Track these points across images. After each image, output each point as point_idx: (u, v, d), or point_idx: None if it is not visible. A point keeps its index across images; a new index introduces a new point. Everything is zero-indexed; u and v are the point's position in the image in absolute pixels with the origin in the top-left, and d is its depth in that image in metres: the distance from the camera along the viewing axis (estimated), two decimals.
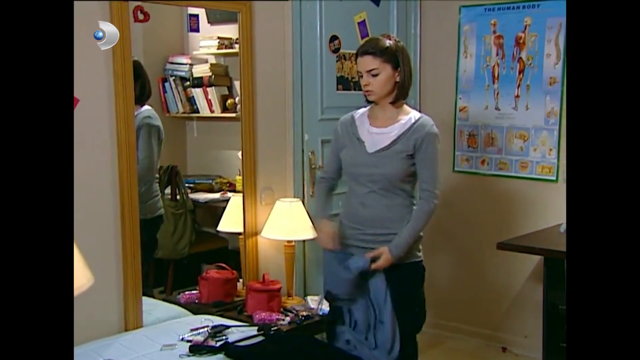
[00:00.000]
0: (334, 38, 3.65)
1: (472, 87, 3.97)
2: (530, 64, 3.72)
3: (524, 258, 3.58)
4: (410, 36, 4.11)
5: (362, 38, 3.81)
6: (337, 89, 3.71)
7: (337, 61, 3.69)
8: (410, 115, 2.57)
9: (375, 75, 2.47)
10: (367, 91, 2.52)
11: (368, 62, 2.48)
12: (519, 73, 3.74)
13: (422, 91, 4.18)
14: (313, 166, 3.58)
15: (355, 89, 3.81)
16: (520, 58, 3.73)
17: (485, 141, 3.95)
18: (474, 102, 3.97)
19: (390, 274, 2.48)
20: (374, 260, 2.46)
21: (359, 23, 3.79)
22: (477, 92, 3.95)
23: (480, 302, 4.03)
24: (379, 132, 2.55)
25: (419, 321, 2.63)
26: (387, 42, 2.50)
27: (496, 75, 3.85)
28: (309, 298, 3.31)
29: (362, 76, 2.51)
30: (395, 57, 2.49)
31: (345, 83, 3.76)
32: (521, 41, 3.74)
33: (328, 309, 2.75)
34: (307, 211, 3.36)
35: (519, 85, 3.76)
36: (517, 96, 3.77)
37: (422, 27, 4.13)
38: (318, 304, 3.22)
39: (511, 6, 3.75)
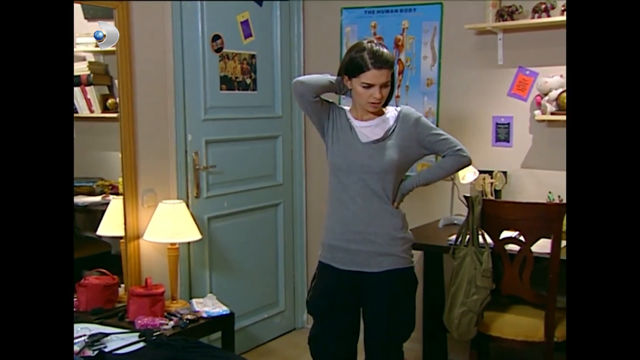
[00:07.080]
0: (216, 37, 3.62)
1: None
2: (409, 65, 3.85)
3: None
4: (294, 36, 4.14)
5: (246, 38, 3.81)
6: (221, 89, 3.68)
7: (220, 61, 3.66)
8: (391, 108, 2.54)
9: (385, 87, 2.43)
10: (375, 103, 2.43)
11: (386, 75, 2.40)
12: (399, 74, 3.87)
13: None
14: (197, 167, 3.54)
15: (239, 89, 3.80)
16: (400, 59, 3.86)
17: None
18: None
19: (381, 280, 2.45)
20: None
21: (241, 22, 3.78)
22: None
23: None
24: (365, 126, 2.49)
25: (407, 331, 2.54)
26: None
27: None
28: (194, 301, 3.27)
29: (367, 87, 2.40)
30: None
31: (229, 83, 3.73)
32: (400, 43, 3.87)
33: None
34: (190, 213, 3.32)
35: (399, 86, 3.88)
36: (398, 96, 3.89)
37: (305, 27, 4.17)
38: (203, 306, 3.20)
39: (390, 9, 3.87)
